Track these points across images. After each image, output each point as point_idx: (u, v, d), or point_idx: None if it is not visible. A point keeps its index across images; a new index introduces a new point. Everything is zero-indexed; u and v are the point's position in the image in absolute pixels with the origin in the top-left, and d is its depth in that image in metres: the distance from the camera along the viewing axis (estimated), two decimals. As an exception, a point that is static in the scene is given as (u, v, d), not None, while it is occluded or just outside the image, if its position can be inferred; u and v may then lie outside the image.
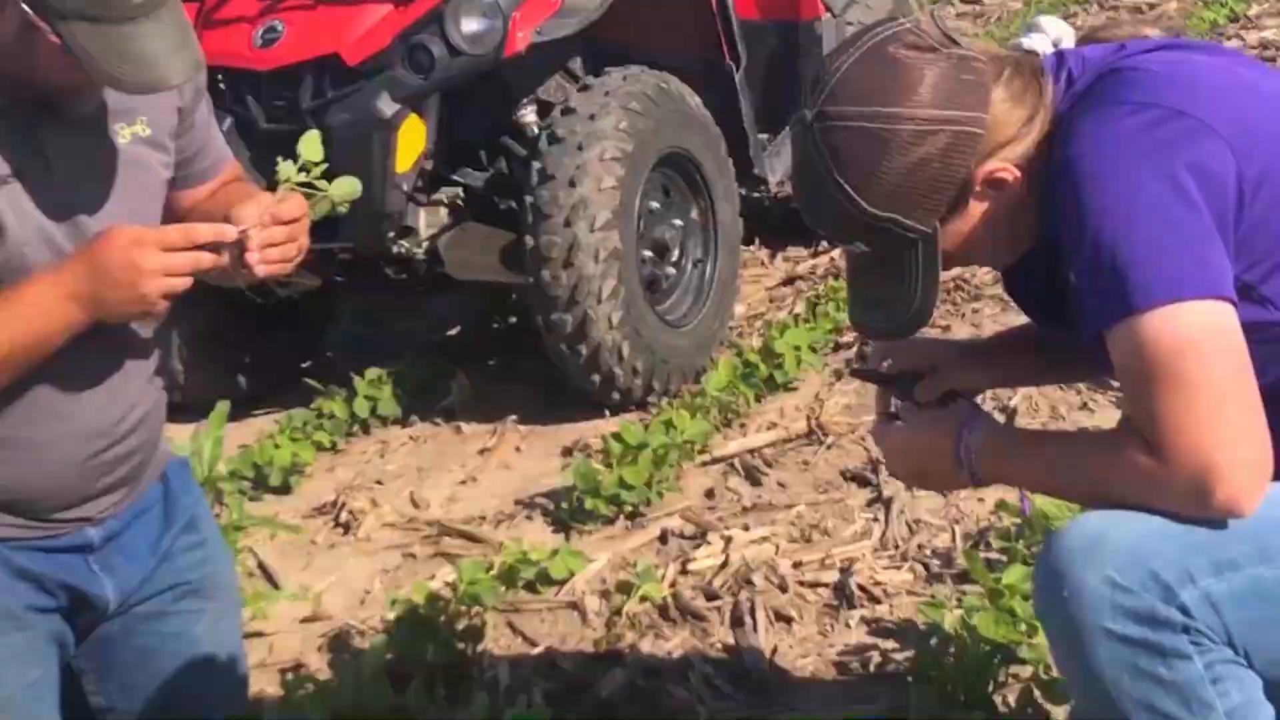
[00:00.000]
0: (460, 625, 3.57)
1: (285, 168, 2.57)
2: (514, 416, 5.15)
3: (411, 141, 4.83)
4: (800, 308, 5.54)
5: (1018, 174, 2.10)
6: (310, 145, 2.56)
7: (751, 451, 4.55)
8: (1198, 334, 1.94)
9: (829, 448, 4.53)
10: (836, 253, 6.20)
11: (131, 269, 2.47)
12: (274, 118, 4.88)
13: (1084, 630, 1.98)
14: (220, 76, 4.85)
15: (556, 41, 5.11)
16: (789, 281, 6.19)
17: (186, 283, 2.52)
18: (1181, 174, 1.97)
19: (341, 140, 4.75)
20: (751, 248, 6.50)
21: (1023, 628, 3.13)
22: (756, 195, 6.72)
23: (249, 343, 5.50)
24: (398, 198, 4.87)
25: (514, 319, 5.97)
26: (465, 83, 4.79)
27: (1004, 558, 3.60)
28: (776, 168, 5.74)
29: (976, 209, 2.13)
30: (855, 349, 5.20)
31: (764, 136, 5.83)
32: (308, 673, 3.57)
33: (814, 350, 5.11)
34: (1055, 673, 3.03)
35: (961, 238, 2.15)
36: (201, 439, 4.16)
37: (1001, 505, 3.72)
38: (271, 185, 2.61)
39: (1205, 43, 2.32)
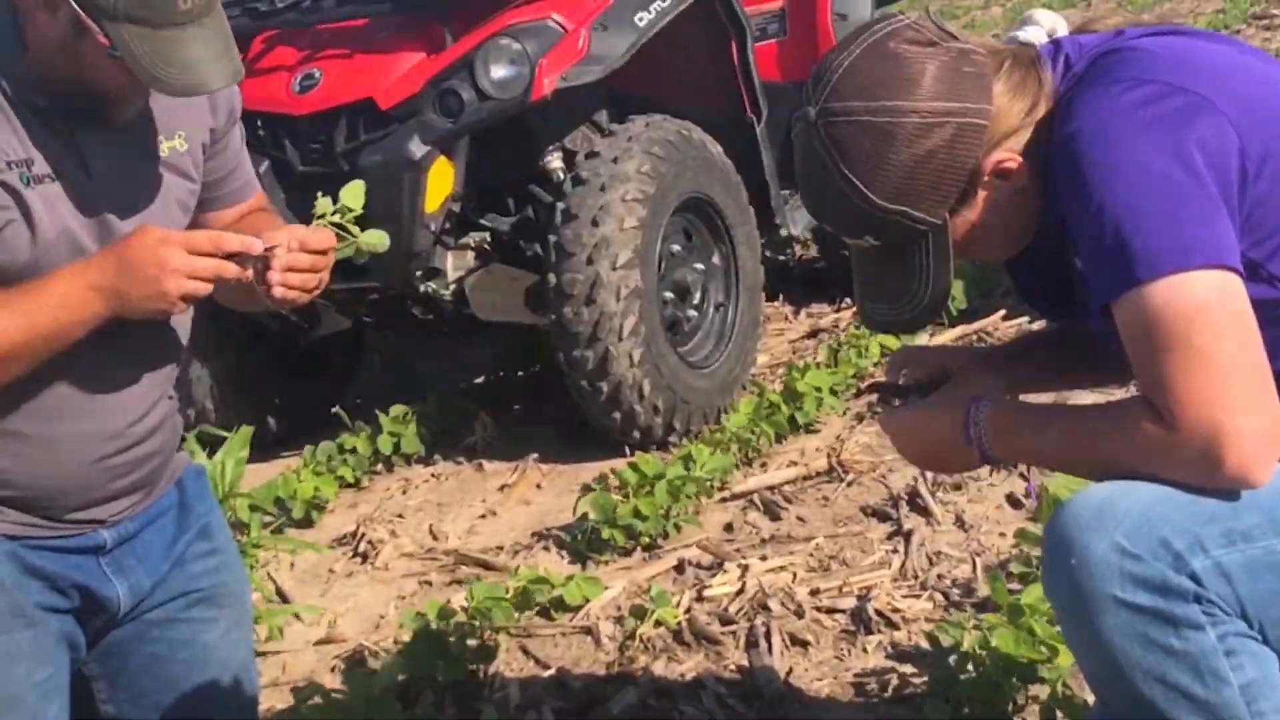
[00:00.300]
0: (472, 643, 3.57)
1: (323, 204, 2.63)
2: (535, 455, 5.18)
3: (440, 183, 4.89)
4: (822, 355, 5.56)
5: (1020, 160, 2.13)
6: (352, 193, 2.63)
7: (771, 488, 4.56)
8: (1205, 301, 1.93)
9: (849, 485, 4.53)
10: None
11: (156, 265, 2.52)
12: (309, 160, 4.96)
13: (1092, 599, 1.97)
14: (260, 121, 4.95)
15: (582, 92, 5.18)
16: (812, 335, 6.23)
17: (207, 288, 2.56)
18: (1184, 146, 1.97)
19: (373, 181, 4.76)
20: (775, 303, 6.55)
21: (1043, 649, 3.12)
22: (782, 258, 6.77)
23: (279, 385, 5.55)
24: (425, 237, 4.93)
25: (538, 365, 6.00)
26: (493, 125, 4.87)
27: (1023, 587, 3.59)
28: (798, 220, 5.79)
29: (983, 198, 2.15)
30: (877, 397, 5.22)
31: (785, 192, 5.87)
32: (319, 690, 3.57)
33: (835, 394, 5.12)
34: (1076, 690, 3.01)
35: (970, 227, 2.17)
36: (223, 456, 4.18)
37: (1021, 535, 3.72)
38: (306, 223, 2.67)
39: (1205, 30, 2.34)
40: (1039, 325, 5.70)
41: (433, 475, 5.19)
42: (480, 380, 6.10)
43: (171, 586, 3.11)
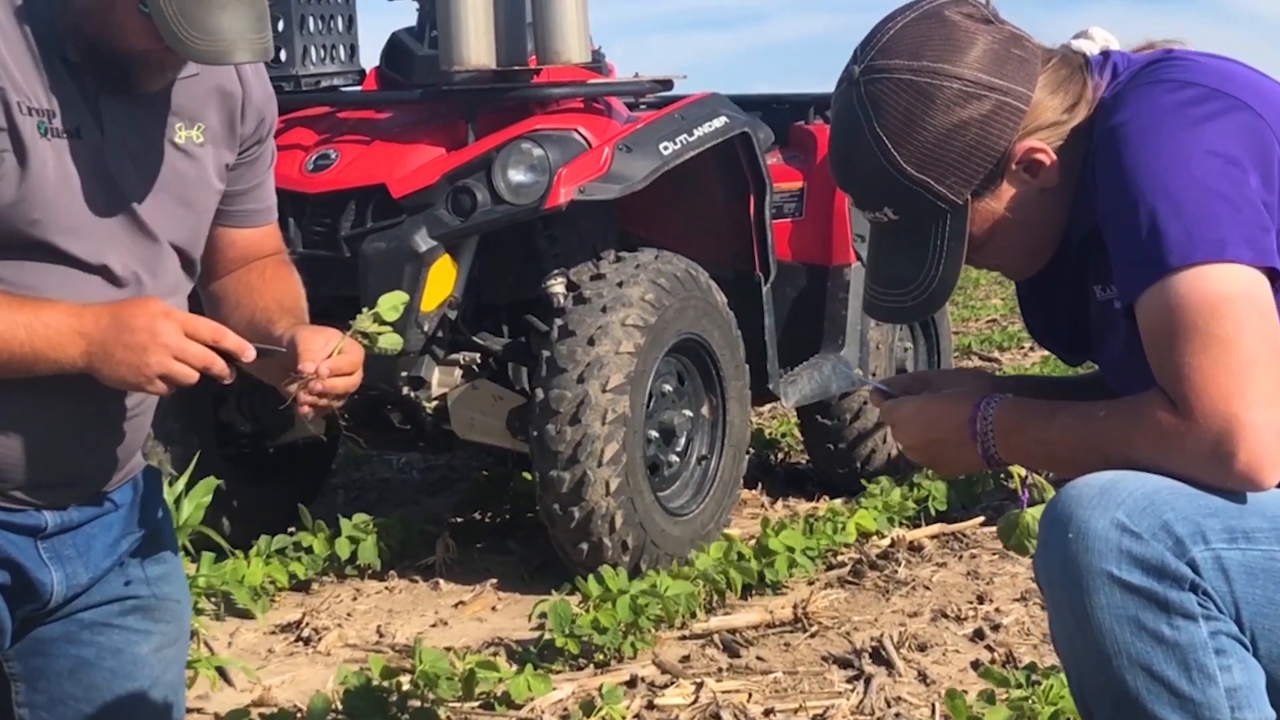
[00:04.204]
0: (415, 704, 3.41)
1: (363, 319, 2.61)
2: (494, 581, 5.04)
3: (440, 282, 4.86)
4: (799, 524, 5.43)
5: (1054, 158, 2.10)
6: (390, 304, 2.61)
7: (732, 630, 4.42)
8: (1231, 293, 1.90)
9: (813, 635, 4.39)
10: (838, 502, 6.14)
11: (147, 334, 2.46)
12: (311, 243, 4.92)
13: (1086, 574, 1.88)
14: (267, 197, 4.92)
15: (592, 223, 5.19)
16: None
17: (191, 376, 2.49)
18: (1224, 144, 1.96)
19: (373, 268, 4.79)
20: (754, 491, 6.45)
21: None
22: (767, 456, 6.69)
23: (238, 487, 5.39)
24: (416, 336, 4.87)
25: (507, 511, 5.89)
26: (504, 227, 4.85)
27: None
28: (791, 393, 5.73)
29: (1008, 191, 2.11)
30: (849, 567, 5.11)
31: (782, 369, 5.83)
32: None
33: (808, 557, 4.99)
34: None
35: (991, 219, 2.12)
36: (182, 495, 4.05)
37: (986, 673, 3.59)
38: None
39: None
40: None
41: (386, 587, 5.03)
42: (446, 519, 5.98)
43: (109, 588, 2.98)
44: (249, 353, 2.49)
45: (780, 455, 7.34)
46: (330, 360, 2.52)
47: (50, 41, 2.56)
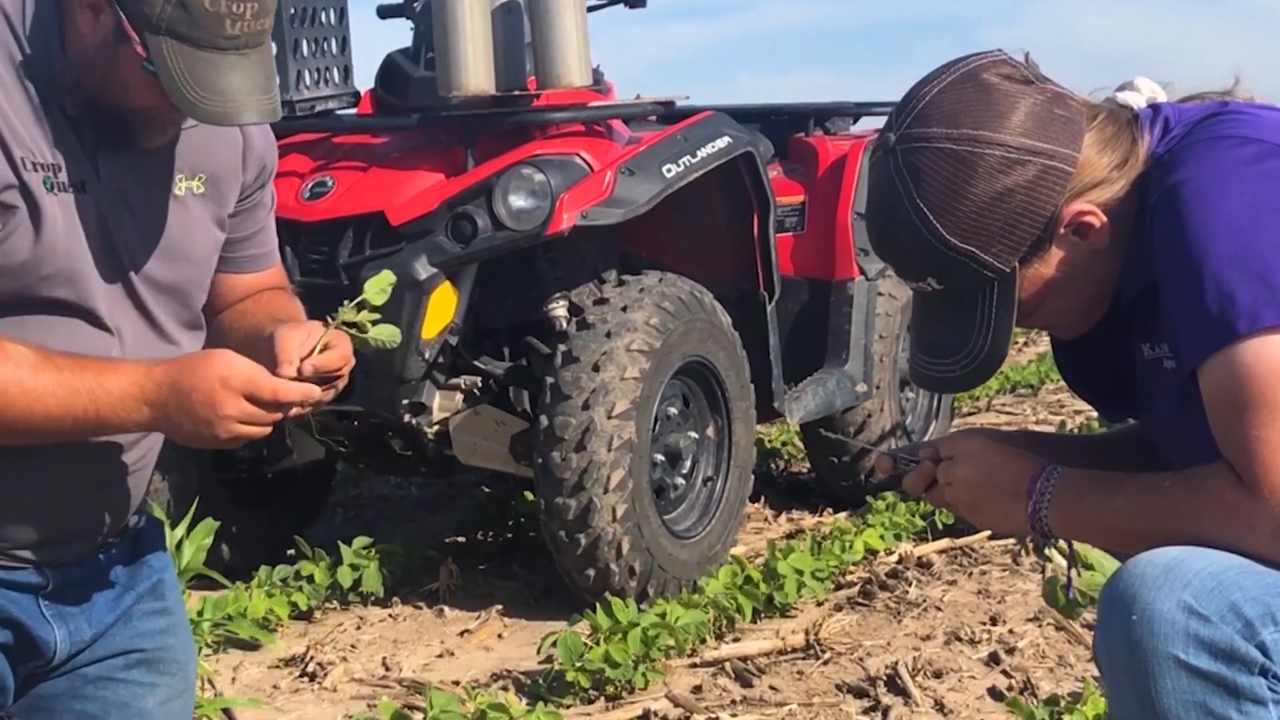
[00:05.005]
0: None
1: (346, 311, 2.53)
2: (499, 607, 4.98)
3: (441, 309, 4.79)
4: (806, 544, 5.38)
5: (1104, 219, 2.03)
6: (377, 286, 2.53)
7: (744, 658, 4.36)
8: None
9: (826, 663, 4.34)
10: (843, 515, 6.09)
11: (209, 407, 2.40)
12: (308, 271, 4.84)
13: (1152, 658, 1.82)
14: (263, 225, 4.85)
15: (595, 245, 5.12)
16: (791, 535, 6.05)
17: (261, 433, 2.44)
18: None
19: (372, 296, 4.71)
20: (757, 505, 6.40)
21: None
22: (768, 466, 6.66)
23: (238, 514, 5.32)
24: (418, 364, 4.80)
25: (509, 531, 5.82)
26: (505, 257, 4.78)
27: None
28: (795, 411, 5.67)
29: (1057, 254, 2.04)
30: (859, 588, 5.06)
31: (786, 385, 5.77)
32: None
33: (817, 579, 4.93)
34: None
35: (1039, 283, 2.06)
36: (183, 538, 3.98)
37: (1014, 705, 3.54)
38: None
39: None
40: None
41: (390, 615, 4.97)
42: (448, 540, 5.92)
43: (113, 642, 2.92)
44: (315, 394, 2.42)
45: (781, 465, 7.29)
46: (312, 358, 2.44)
47: (50, 95, 2.50)
